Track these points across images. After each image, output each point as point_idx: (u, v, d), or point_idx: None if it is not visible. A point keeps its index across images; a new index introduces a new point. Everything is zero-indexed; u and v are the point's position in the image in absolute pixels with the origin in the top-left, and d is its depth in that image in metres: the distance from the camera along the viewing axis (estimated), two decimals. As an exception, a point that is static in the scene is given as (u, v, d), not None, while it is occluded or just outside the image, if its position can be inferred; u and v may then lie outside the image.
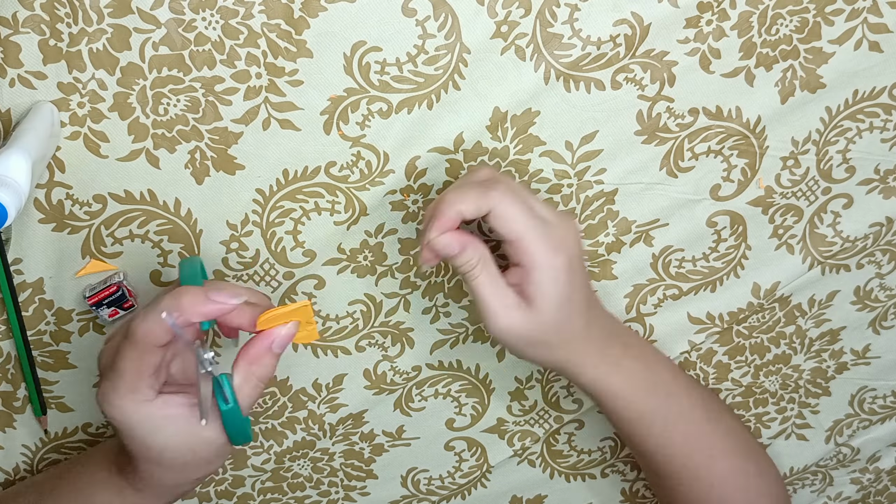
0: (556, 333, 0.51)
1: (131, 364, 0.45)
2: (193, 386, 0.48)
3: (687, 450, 0.58)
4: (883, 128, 0.58)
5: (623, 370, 0.55)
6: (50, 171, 0.51)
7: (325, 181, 0.54)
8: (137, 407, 0.46)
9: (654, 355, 0.60)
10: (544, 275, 0.49)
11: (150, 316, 0.44)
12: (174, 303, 0.44)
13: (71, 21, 0.48)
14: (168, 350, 0.46)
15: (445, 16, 0.50)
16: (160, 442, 0.47)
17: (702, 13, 0.53)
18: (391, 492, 0.68)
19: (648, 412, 0.56)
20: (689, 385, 0.61)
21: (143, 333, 0.44)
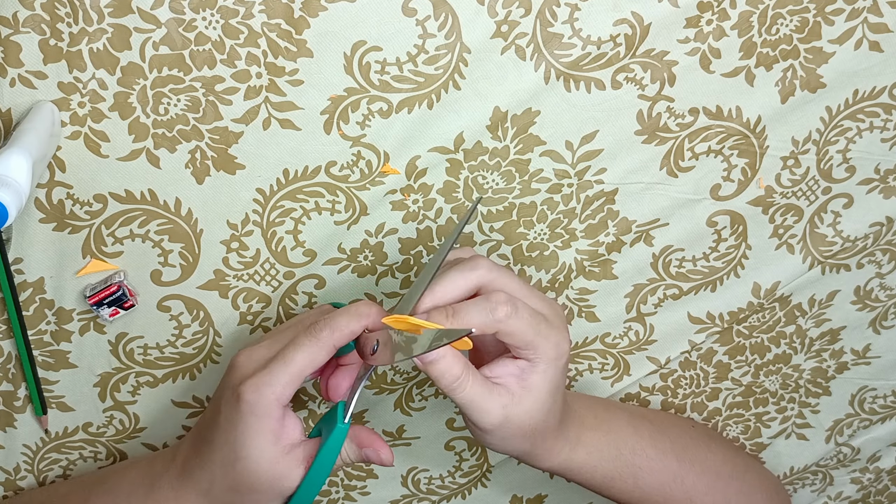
0: (545, 420, 0.50)
1: (304, 358, 0.47)
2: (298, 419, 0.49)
3: (663, 497, 0.58)
4: (883, 127, 0.58)
5: (584, 445, 0.55)
6: (50, 171, 0.51)
7: (325, 181, 0.54)
8: (274, 405, 0.47)
9: (610, 415, 0.59)
10: (550, 367, 0.48)
11: (346, 314, 0.48)
12: (366, 311, 0.48)
13: (71, 21, 0.48)
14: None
15: (445, 15, 0.50)
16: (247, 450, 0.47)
17: (702, 13, 0.53)
18: (391, 491, 0.68)
19: (617, 475, 0.56)
20: (653, 433, 0.60)
21: (331, 334, 0.47)
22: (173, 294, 0.56)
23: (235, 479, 0.48)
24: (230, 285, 0.57)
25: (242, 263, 0.56)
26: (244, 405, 0.46)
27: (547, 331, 0.48)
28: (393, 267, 0.59)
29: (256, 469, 0.47)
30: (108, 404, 0.60)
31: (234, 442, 0.47)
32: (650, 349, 0.64)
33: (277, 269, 0.57)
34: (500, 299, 0.47)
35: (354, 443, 0.50)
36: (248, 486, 0.48)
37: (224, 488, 0.48)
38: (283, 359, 0.47)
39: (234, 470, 0.48)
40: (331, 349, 0.47)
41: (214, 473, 0.49)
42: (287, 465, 0.47)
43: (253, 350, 0.50)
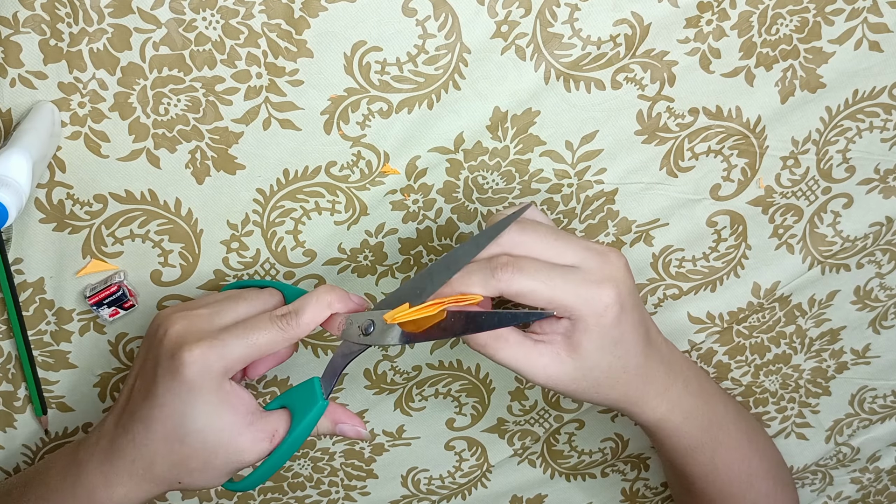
0: (609, 377, 0.48)
1: (267, 344, 0.46)
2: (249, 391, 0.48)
3: (728, 476, 0.58)
4: (883, 127, 0.58)
5: (683, 408, 0.53)
6: (50, 171, 0.51)
7: (325, 181, 0.54)
8: (222, 379, 0.46)
9: (710, 386, 0.58)
10: (589, 323, 0.46)
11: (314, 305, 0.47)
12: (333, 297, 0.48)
13: (71, 21, 0.48)
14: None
15: (445, 15, 0.50)
16: (200, 424, 0.45)
17: (702, 13, 0.53)
18: (391, 491, 0.68)
19: (699, 445, 0.55)
20: (737, 413, 0.60)
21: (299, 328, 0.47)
22: (173, 294, 0.56)
23: (185, 453, 0.46)
24: (230, 285, 0.57)
25: (242, 264, 0.56)
26: (189, 373, 0.45)
27: (570, 286, 0.45)
28: (393, 267, 0.59)
29: (215, 441, 0.46)
30: (108, 404, 0.60)
31: (181, 415, 0.45)
32: (650, 349, 0.64)
33: (277, 269, 0.57)
34: (501, 261, 0.45)
35: (329, 418, 0.49)
36: (203, 460, 0.46)
37: (169, 465, 0.46)
38: (243, 336, 0.46)
39: (183, 444, 0.46)
40: (293, 340, 0.47)
41: (155, 450, 0.46)
42: (251, 438, 0.46)
43: (189, 318, 0.48)
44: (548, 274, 0.45)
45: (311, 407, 0.47)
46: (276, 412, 0.48)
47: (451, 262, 0.47)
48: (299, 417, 0.48)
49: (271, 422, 0.48)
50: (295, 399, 0.49)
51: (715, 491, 0.58)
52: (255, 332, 0.47)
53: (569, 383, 0.48)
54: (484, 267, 0.46)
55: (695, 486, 0.58)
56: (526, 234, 0.47)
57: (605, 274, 0.47)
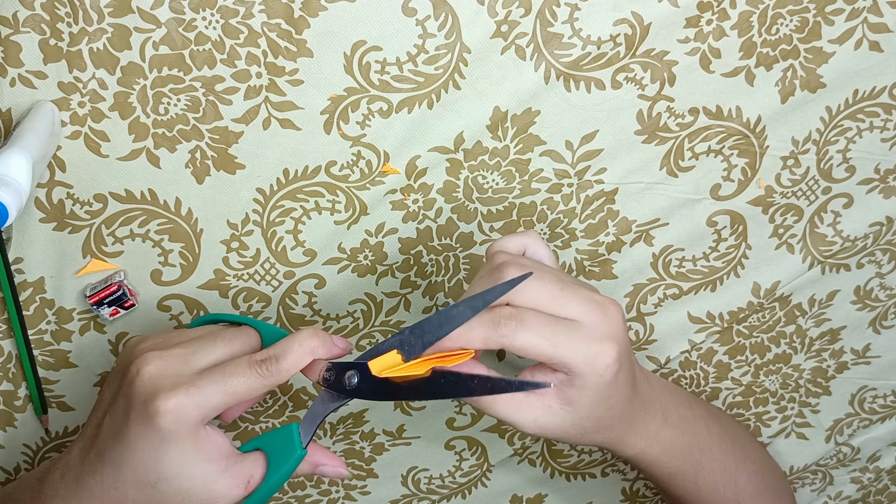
0: (595, 425, 0.48)
1: (245, 391, 0.44)
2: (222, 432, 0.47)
3: (714, 497, 0.58)
4: (883, 127, 0.58)
5: (661, 441, 0.53)
6: (51, 171, 0.51)
7: (325, 180, 0.55)
8: (198, 427, 0.44)
9: (692, 413, 0.57)
10: (587, 381, 0.45)
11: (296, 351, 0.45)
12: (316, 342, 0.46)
13: (71, 20, 0.48)
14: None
15: (445, 15, 0.50)
16: (174, 471, 0.44)
17: (702, 13, 0.53)
18: (392, 491, 0.68)
19: (680, 472, 0.55)
20: (723, 434, 0.60)
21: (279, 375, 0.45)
22: (173, 294, 0.56)
23: (157, 498, 0.44)
24: (230, 285, 0.57)
25: (242, 263, 0.56)
26: (164, 423, 0.43)
27: (573, 343, 0.45)
28: (393, 267, 0.59)
29: (188, 488, 0.44)
30: (108, 404, 0.60)
31: (154, 461, 0.43)
32: (650, 349, 0.64)
33: (277, 269, 0.57)
34: (504, 313, 0.44)
35: (309, 461, 0.48)
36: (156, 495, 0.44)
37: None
38: (221, 382, 0.44)
39: (155, 490, 0.44)
40: (273, 387, 0.45)
41: (125, 493, 0.44)
42: (225, 484, 0.45)
43: (163, 358, 0.45)
44: (552, 330, 0.44)
45: (288, 456, 0.46)
46: (251, 456, 0.46)
47: (445, 319, 0.45)
48: (276, 465, 0.46)
49: (247, 467, 0.46)
50: (272, 444, 0.47)
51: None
52: (233, 378, 0.44)
53: (557, 433, 0.47)
54: (486, 320, 0.44)
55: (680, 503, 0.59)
56: (531, 283, 0.46)
57: (606, 330, 0.46)
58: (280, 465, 0.46)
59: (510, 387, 0.44)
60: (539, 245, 0.50)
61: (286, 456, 0.46)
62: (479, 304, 0.45)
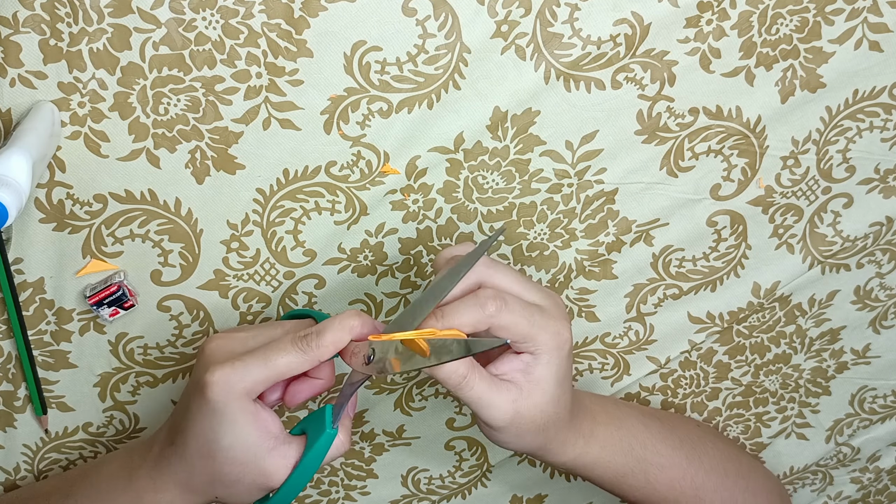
0: (556, 411, 0.50)
1: (286, 365, 0.47)
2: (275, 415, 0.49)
3: (673, 494, 0.58)
4: (883, 127, 0.58)
5: (598, 438, 0.55)
6: (50, 171, 0.51)
7: (325, 181, 0.54)
8: (245, 399, 0.47)
9: (620, 412, 0.59)
10: (553, 356, 0.49)
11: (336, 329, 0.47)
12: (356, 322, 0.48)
13: (71, 21, 0.48)
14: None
15: (445, 15, 0.50)
16: (229, 440, 0.47)
17: (702, 13, 0.53)
18: (391, 491, 0.68)
19: (628, 471, 0.57)
20: (664, 430, 0.60)
21: (319, 350, 0.47)
22: (173, 294, 0.56)
23: (217, 469, 0.47)
24: (230, 285, 0.57)
25: (242, 263, 0.56)
26: (211, 394, 0.46)
27: (543, 321, 0.48)
28: (393, 267, 0.59)
29: (242, 460, 0.47)
30: (108, 404, 0.60)
31: (209, 431, 0.47)
32: (650, 349, 0.64)
33: (277, 269, 0.57)
34: (489, 294, 0.47)
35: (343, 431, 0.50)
36: (233, 478, 0.48)
37: (205, 479, 0.48)
38: (263, 357, 0.47)
39: (214, 461, 0.47)
40: (314, 362, 0.48)
41: (193, 464, 0.48)
42: (274, 464, 0.47)
43: (226, 339, 0.49)
44: (529, 310, 0.48)
45: (320, 435, 0.48)
46: (298, 438, 0.49)
47: (437, 291, 0.48)
48: (310, 444, 0.48)
49: (294, 447, 0.48)
50: (311, 426, 0.49)
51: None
52: (275, 353, 0.47)
53: (528, 418, 0.49)
54: (473, 303, 0.47)
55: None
56: (498, 270, 0.49)
57: (561, 313, 0.50)
58: (312, 443, 0.48)
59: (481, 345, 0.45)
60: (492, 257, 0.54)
61: (318, 435, 0.48)
62: (462, 269, 0.48)
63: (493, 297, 0.47)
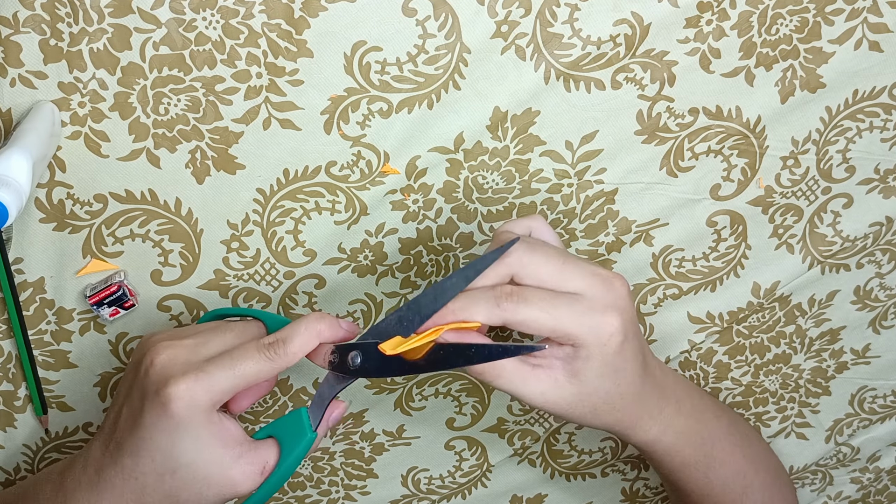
0: (606, 403, 0.48)
1: (253, 374, 0.45)
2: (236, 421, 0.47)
3: (723, 490, 0.58)
4: (883, 127, 0.58)
5: (675, 429, 0.53)
6: (51, 171, 0.51)
7: (325, 181, 0.55)
8: (210, 412, 0.45)
9: (702, 404, 0.58)
10: (592, 351, 0.46)
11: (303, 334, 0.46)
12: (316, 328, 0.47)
13: (71, 21, 0.48)
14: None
15: (445, 15, 0.50)
16: (190, 458, 0.45)
17: (702, 13, 0.53)
18: (391, 491, 0.68)
19: (693, 462, 0.55)
20: (731, 426, 0.60)
21: (287, 357, 0.46)
22: (173, 294, 0.56)
23: (177, 486, 0.45)
24: (230, 285, 0.57)
25: (243, 263, 0.56)
26: (176, 408, 0.44)
27: (577, 316, 0.45)
28: (393, 267, 0.59)
29: (206, 474, 0.45)
30: (108, 404, 0.60)
31: (170, 448, 0.45)
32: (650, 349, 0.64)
33: (277, 269, 0.57)
34: (505, 291, 0.45)
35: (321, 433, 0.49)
36: (195, 493, 0.46)
37: (160, 496, 0.46)
38: (230, 367, 0.45)
39: (174, 477, 0.45)
40: (281, 370, 0.46)
41: (145, 483, 0.46)
42: (241, 471, 0.46)
43: (175, 348, 0.46)
44: (552, 303, 0.45)
45: (300, 439, 0.47)
46: (265, 442, 0.47)
47: (440, 292, 0.46)
48: (288, 450, 0.47)
49: (261, 453, 0.47)
50: (283, 430, 0.48)
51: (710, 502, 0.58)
52: (241, 361, 0.45)
53: (565, 408, 0.48)
54: (488, 295, 0.45)
55: (690, 499, 0.59)
56: (535, 256, 0.46)
57: (609, 302, 0.46)
58: (292, 449, 0.47)
59: (506, 352, 0.44)
60: (544, 228, 0.50)
61: (297, 440, 0.47)
62: (471, 274, 0.46)
63: (508, 293, 0.45)
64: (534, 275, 0.46)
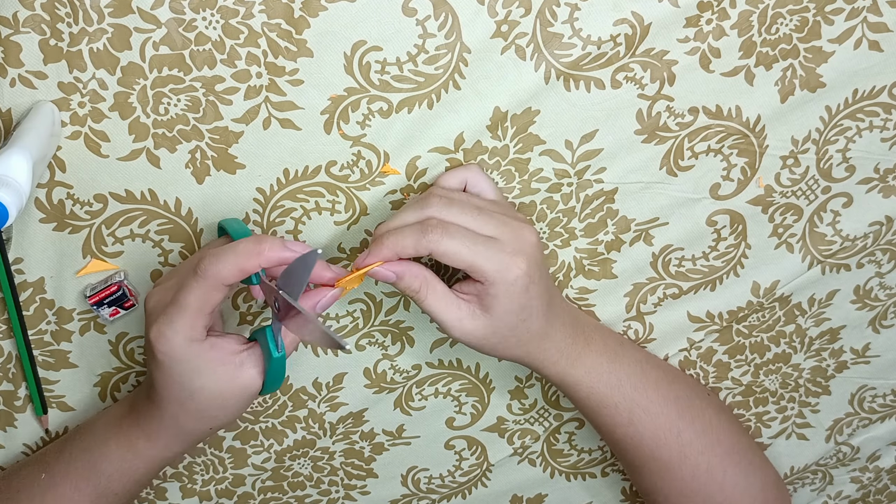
0: (514, 336, 0.53)
1: (196, 300, 0.47)
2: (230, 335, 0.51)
3: (656, 443, 0.59)
4: (883, 127, 0.58)
5: (584, 364, 0.57)
6: (51, 171, 0.51)
7: (325, 181, 0.55)
8: (190, 345, 0.48)
9: (622, 350, 0.60)
10: (500, 289, 0.51)
11: (226, 257, 0.46)
12: (256, 248, 0.47)
13: (71, 21, 0.48)
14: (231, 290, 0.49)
15: (446, 15, 0.50)
16: (198, 383, 0.49)
17: (702, 12, 0.53)
18: (391, 490, 0.68)
19: (612, 404, 0.58)
20: (660, 379, 0.60)
21: (217, 272, 0.46)
22: (173, 294, 0.56)
23: (201, 405, 0.50)
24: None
25: (242, 263, 0.56)
26: (158, 351, 0.48)
27: (490, 253, 0.50)
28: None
29: (219, 391, 0.49)
30: (108, 404, 0.60)
31: (174, 383, 0.49)
32: (650, 348, 0.64)
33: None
34: (432, 223, 0.49)
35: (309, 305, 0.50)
36: (218, 405, 0.50)
37: (192, 418, 0.51)
38: (176, 303, 0.47)
39: (193, 400, 0.49)
40: (221, 287, 0.47)
41: (175, 412, 0.50)
42: (248, 375, 0.49)
43: (160, 291, 0.50)
44: (472, 240, 0.50)
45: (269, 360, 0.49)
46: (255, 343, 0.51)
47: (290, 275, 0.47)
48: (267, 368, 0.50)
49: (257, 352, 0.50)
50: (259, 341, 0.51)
51: (644, 456, 0.59)
52: (183, 294, 0.47)
53: (479, 338, 0.53)
54: (416, 229, 0.49)
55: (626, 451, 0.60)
56: (453, 207, 0.51)
57: (518, 247, 0.51)
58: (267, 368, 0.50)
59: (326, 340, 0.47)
60: (479, 177, 0.55)
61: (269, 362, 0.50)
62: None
63: (434, 225, 0.49)
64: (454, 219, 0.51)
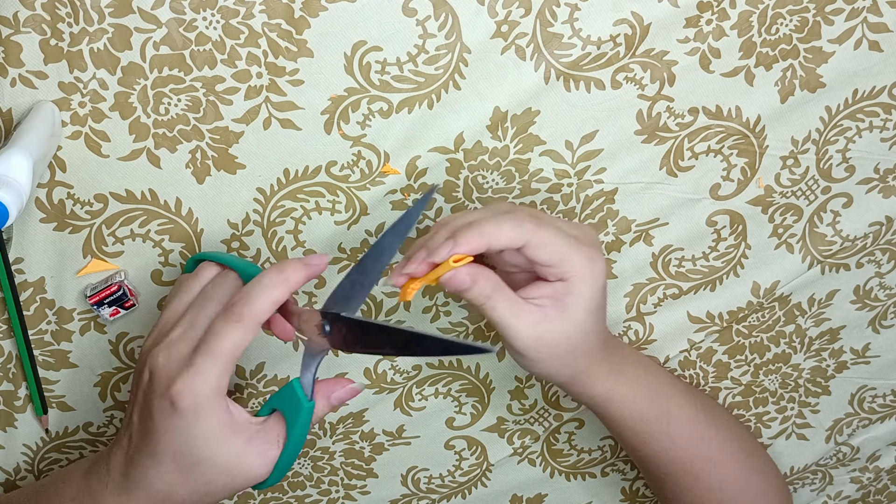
0: (586, 341, 0.51)
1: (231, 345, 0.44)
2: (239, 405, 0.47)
3: (689, 454, 0.58)
4: (882, 127, 0.58)
5: (628, 377, 0.56)
6: (51, 171, 0.51)
7: (325, 181, 0.55)
8: (218, 398, 0.45)
9: (650, 361, 0.60)
10: (587, 284, 0.49)
11: (257, 295, 0.45)
12: (280, 276, 0.45)
13: (72, 21, 0.48)
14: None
15: (446, 15, 0.50)
16: (207, 452, 0.45)
17: (702, 13, 0.53)
18: (391, 490, 0.68)
19: (652, 417, 0.57)
20: (687, 390, 0.61)
21: (252, 312, 0.44)
22: (174, 294, 0.56)
23: (203, 479, 0.46)
24: (230, 285, 0.57)
25: (243, 263, 0.56)
26: (183, 410, 0.44)
27: (578, 245, 0.49)
28: (393, 266, 0.59)
29: (225, 465, 0.46)
30: (108, 404, 0.60)
31: (187, 447, 0.45)
32: (650, 348, 0.64)
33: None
34: (526, 212, 0.48)
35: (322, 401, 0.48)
36: (221, 483, 0.46)
37: (188, 492, 0.47)
38: (208, 352, 0.44)
39: (197, 472, 0.46)
40: (256, 328, 0.45)
41: (171, 480, 0.46)
42: (256, 453, 0.46)
43: (167, 350, 0.46)
44: (563, 230, 0.49)
45: (298, 411, 0.47)
46: (270, 419, 0.48)
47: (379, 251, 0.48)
48: (291, 422, 0.47)
49: (270, 429, 0.47)
50: (282, 404, 0.48)
51: (677, 468, 0.58)
52: (215, 341, 0.45)
53: (550, 345, 0.49)
54: (510, 217, 0.48)
55: (657, 466, 0.59)
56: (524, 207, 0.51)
57: (595, 242, 0.51)
58: (294, 423, 0.47)
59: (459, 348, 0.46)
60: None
61: (296, 413, 0.47)
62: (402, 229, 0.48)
63: (530, 216, 0.48)
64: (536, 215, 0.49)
